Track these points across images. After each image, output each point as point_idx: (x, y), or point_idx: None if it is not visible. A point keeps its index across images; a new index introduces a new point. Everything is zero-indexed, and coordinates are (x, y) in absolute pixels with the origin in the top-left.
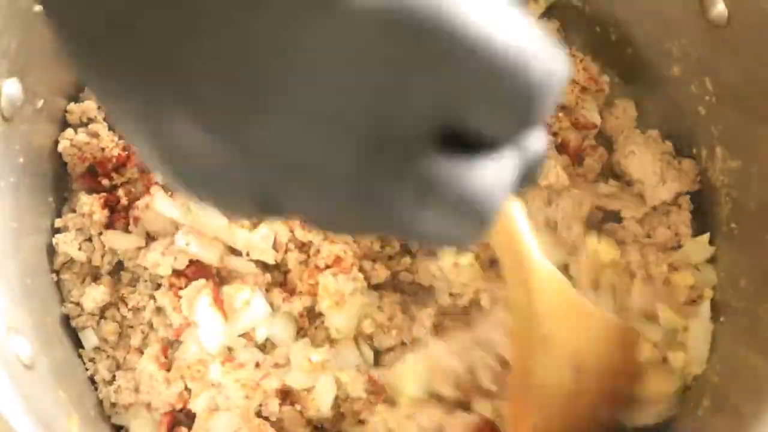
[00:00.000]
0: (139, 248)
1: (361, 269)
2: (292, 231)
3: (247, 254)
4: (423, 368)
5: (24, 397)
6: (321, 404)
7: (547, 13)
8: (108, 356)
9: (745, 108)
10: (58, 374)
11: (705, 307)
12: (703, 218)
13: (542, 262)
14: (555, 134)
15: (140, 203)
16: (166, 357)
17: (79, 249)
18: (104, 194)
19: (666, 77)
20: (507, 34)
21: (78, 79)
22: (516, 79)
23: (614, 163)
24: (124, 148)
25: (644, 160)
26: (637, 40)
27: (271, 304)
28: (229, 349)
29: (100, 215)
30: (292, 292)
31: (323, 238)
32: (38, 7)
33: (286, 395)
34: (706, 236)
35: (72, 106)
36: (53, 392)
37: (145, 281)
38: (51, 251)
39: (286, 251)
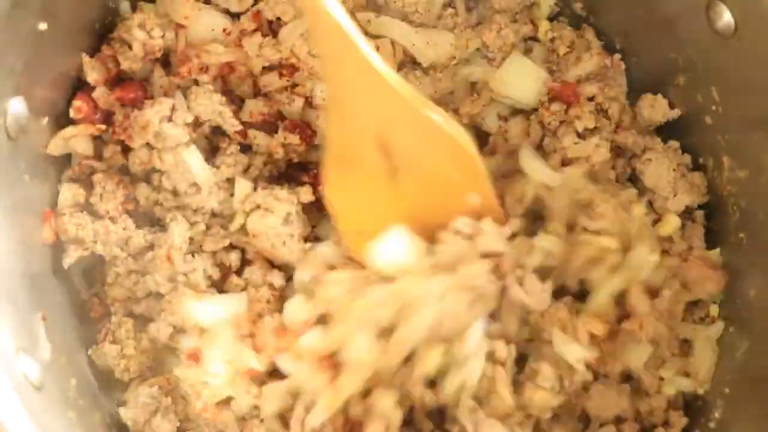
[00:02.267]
0: None
1: None
2: None
3: None
4: None
5: (33, 418)
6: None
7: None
8: None
9: (752, 118)
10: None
11: (713, 330)
12: (710, 228)
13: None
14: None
15: None
16: None
17: None
18: None
19: (671, 87)
20: None
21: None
22: None
23: (632, 167)
24: None
25: (660, 169)
26: (642, 50)
27: None
28: None
29: None
30: None
31: None
32: (43, 26)
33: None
34: (716, 251)
35: None
36: (62, 413)
37: None
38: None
39: None
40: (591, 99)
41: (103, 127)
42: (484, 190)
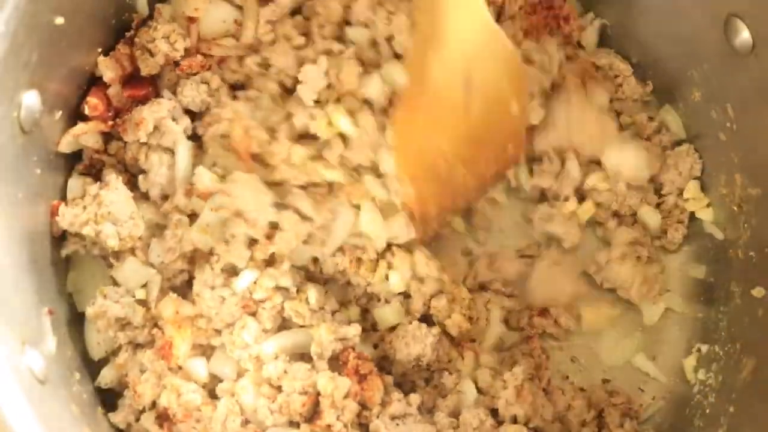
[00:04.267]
0: None
1: None
2: None
3: None
4: None
5: (37, 411)
6: None
7: None
8: None
9: (766, 135)
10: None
11: None
12: (719, 245)
13: None
14: None
15: None
16: None
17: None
18: None
19: (686, 102)
20: None
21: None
22: None
23: None
24: None
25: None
26: (659, 64)
27: None
28: None
29: None
30: None
31: None
32: (60, 20)
33: None
34: None
35: None
36: (65, 406)
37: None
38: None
39: None
40: None
41: (112, 123)
42: (523, 96)
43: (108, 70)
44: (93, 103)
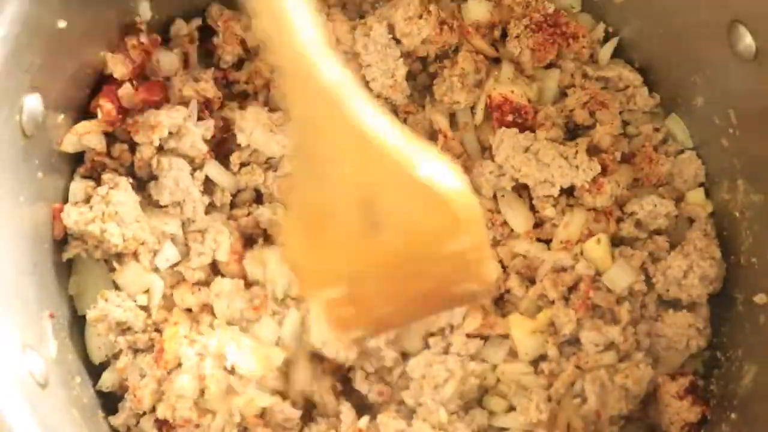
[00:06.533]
0: None
1: None
2: None
3: None
4: None
5: (37, 415)
6: None
7: None
8: None
9: None
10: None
11: None
12: (721, 251)
13: (330, 71)
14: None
15: None
16: None
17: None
18: None
19: (689, 107)
20: None
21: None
22: None
23: None
24: None
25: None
26: (661, 69)
27: None
28: None
29: None
30: None
31: None
32: (62, 24)
33: None
34: None
35: None
36: (66, 411)
37: None
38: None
39: None
40: None
41: (119, 123)
42: (480, 260)
43: (119, 65)
44: (107, 109)
